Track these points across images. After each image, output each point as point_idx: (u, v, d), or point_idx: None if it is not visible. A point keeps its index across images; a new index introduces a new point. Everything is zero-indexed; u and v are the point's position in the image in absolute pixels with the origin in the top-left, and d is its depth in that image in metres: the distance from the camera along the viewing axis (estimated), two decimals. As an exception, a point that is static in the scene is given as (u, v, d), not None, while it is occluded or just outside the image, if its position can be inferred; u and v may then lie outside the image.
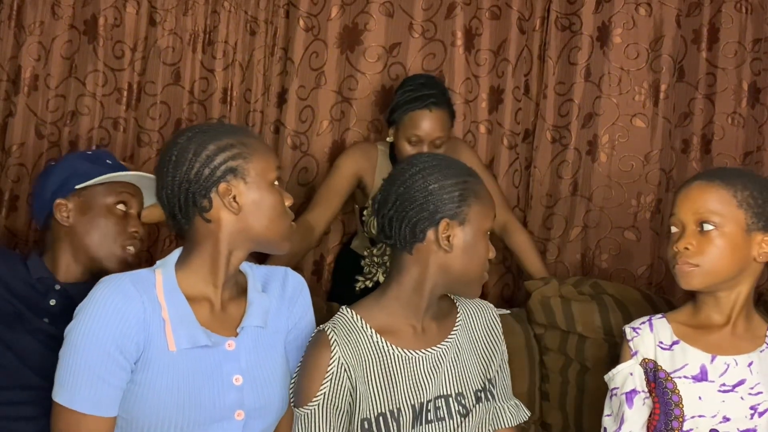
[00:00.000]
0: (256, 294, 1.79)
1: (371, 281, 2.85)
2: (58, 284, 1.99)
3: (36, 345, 1.89)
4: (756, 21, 2.97)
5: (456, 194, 1.74)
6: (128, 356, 1.62)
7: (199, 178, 1.67)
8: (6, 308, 1.92)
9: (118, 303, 1.61)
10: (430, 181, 1.76)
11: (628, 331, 1.86)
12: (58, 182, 2.06)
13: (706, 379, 1.76)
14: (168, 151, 1.72)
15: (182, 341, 1.65)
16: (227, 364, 1.69)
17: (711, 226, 1.74)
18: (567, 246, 3.04)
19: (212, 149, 1.68)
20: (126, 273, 1.70)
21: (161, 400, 1.63)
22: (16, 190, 2.84)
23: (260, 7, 2.96)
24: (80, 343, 1.60)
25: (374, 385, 1.73)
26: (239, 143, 1.71)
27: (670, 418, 1.77)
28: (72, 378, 1.60)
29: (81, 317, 1.62)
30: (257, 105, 2.98)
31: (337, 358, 1.71)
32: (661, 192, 3.03)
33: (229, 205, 1.68)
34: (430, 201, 1.74)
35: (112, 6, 2.87)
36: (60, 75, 2.88)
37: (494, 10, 3.02)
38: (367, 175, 2.79)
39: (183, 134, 1.74)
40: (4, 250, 2.20)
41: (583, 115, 3.02)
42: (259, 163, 1.71)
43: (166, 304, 1.66)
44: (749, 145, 3.00)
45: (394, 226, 1.78)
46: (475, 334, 1.86)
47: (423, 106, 2.62)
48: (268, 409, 1.74)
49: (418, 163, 1.81)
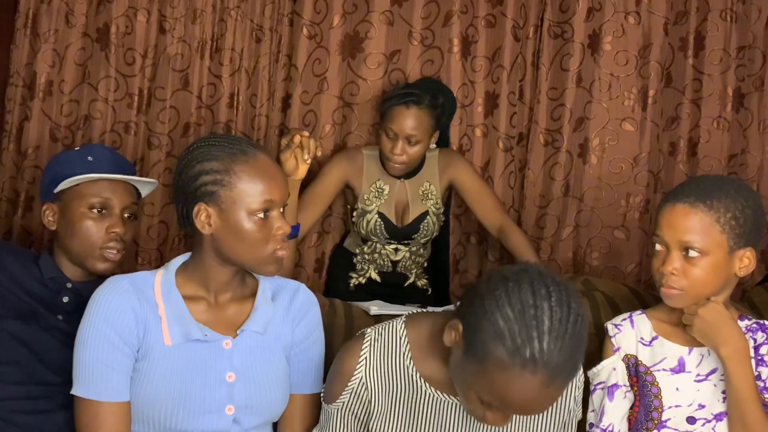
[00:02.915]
0: (264, 301, 1.83)
1: (363, 277, 2.94)
2: (70, 282, 2.02)
3: (51, 342, 1.93)
4: (740, 29, 3.00)
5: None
6: (130, 344, 1.71)
7: (185, 192, 1.74)
8: (22, 306, 1.96)
9: (116, 299, 1.72)
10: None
11: (609, 327, 1.88)
12: (45, 186, 2.07)
13: (684, 371, 1.80)
14: (181, 157, 1.79)
15: (176, 336, 1.73)
16: (221, 361, 1.75)
17: (695, 252, 1.73)
18: (559, 245, 3.07)
19: (198, 169, 1.72)
20: (127, 275, 1.79)
21: (156, 388, 1.71)
22: (31, 191, 2.86)
23: (265, 16, 2.96)
24: (86, 338, 1.71)
25: (394, 412, 1.68)
26: (225, 170, 1.71)
27: (650, 409, 1.81)
28: (85, 371, 1.71)
29: (86, 316, 1.73)
30: (262, 109, 2.99)
31: (360, 377, 1.69)
32: (650, 193, 3.06)
33: (201, 226, 1.73)
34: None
35: (123, 15, 2.88)
36: (73, 81, 2.90)
37: (489, 19, 3.04)
38: (355, 178, 2.85)
39: (194, 144, 1.79)
40: (18, 249, 2.21)
41: (575, 120, 3.05)
42: (241, 193, 1.70)
43: (162, 303, 1.75)
44: (734, 148, 3.04)
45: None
46: None
47: (401, 102, 2.68)
48: (260, 407, 1.78)
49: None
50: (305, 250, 3.10)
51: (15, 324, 1.93)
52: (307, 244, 3.09)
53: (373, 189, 2.84)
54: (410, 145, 2.72)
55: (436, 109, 2.75)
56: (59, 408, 1.88)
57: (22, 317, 1.95)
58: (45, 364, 1.92)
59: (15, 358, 1.92)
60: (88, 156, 2.06)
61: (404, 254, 2.91)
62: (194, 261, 1.80)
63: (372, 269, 2.93)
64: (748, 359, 1.74)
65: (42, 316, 1.96)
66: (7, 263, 2.01)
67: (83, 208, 2.01)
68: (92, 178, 2.02)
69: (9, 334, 1.92)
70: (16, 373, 1.91)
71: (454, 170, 2.89)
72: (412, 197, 2.87)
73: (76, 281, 2.04)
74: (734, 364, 1.72)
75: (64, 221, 2.03)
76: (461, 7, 3.02)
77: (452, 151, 2.99)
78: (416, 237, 2.88)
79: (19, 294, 1.98)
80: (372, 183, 2.85)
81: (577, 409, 1.75)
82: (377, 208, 2.84)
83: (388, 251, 2.90)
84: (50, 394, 1.90)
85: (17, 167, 2.90)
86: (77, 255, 2.03)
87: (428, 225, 2.87)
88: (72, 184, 2.02)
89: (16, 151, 2.90)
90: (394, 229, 2.86)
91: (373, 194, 2.84)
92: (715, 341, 1.74)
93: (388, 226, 2.84)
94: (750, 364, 1.74)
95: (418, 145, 2.73)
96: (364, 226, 2.86)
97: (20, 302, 1.97)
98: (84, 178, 2.01)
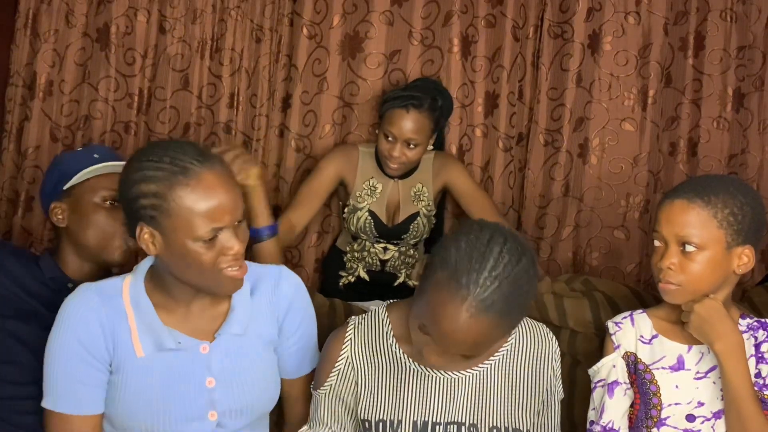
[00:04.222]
0: (241, 300, 1.75)
1: (353, 276, 2.94)
2: (71, 282, 2.02)
3: None
4: (740, 29, 3.00)
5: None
6: (100, 359, 1.68)
7: (127, 208, 1.64)
8: (22, 306, 1.97)
9: (82, 312, 1.68)
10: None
11: (610, 325, 1.90)
12: (51, 185, 2.08)
13: (683, 368, 1.81)
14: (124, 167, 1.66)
15: (149, 347, 1.69)
16: (199, 367, 1.71)
17: (692, 247, 1.75)
18: (559, 245, 3.07)
19: (135, 191, 1.60)
20: (94, 284, 1.74)
21: (132, 401, 1.69)
22: (31, 191, 2.87)
23: (265, 16, 2.97)
24: (54, 352, 1.68)
25: (380, 391, 1.72)
26: (163, 195, 1.57)
27: (649, 407, 1.82)
28: (53, 383, 1.69)
29: (54, 327, 1.70)
30: (262, 109, 2.99)
31: (346, 357, 1.73)
32: (650, 193, 3.06)
33: (146, 246, 1.63)
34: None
35: (123, 15, 2.89)
36: (74, 81, 2.91)
37: (489, 19, 3.04)
38: (349, 175, 2.85)
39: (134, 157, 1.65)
40: (18, 249, 2.21)
41: (575, 120, 3.05)
42: (182, 220, 1.57)
43: (132, 312, 1.70)
44: (734, 148, 3.03)
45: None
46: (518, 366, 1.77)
47: (401, 105, 2.68)
48: (244, 411, 1.76)
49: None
50: (305, 250, 3.10)
51: (15, 324, 1.94)
52: (307, 244, 3.10)
53: (366, 187, 2.85)
54: (409, 148, 2.72)
55: (435, 112, 2.75)
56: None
57: (23, 317, 1.95)
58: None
59: (15, 358, 1.92)
60: (93, 154, 2.09)
61: (393, 254, 2.91)
62: (157, 271, 1.72)
63: (361, 268, 2.93)
64: (743, 355, 1.74)
65: (42, 315, 1.95)
66: (8, 263, 2.01)
67: (96, 199, 2.03)
68: (112, 167, 2.02)
69: (9, 333, 1.93)
70: (15, 372, 1.91)
71: (449, 173, 2.89)
72: (404, 197, 2.88)
73: (78, 280, 2.01)
74: (729, 360, 1.73)
75: (77, 216, 2.03)
76: (461, 7, 3.02)
77: (447, 154, 3.00)
78: (405, 237, 2.89)
79: (19, 294, 1.98)
80: (365, 180, 2.86)
81: (558, 386, 1.80)
82: (368, 206, 2.85)
83: (377, 250, 2.91)
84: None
85: (17, 167, 2.91)
86: (93, 247, 2.03)
87: (418, 226, 2.87)
88: (83, 179, 2.03)
89: (16, 151, 2.91)
90: (383, 227, 2.86)
91: (366, 192, 2.85)
92: (709, 336, 1.75)
93: (377, 224, 2.85)
94: (745, 359, 1.74)
95: (418, 148, 2.74)
96: (354, 222, 2.86)
97: (20, 302, 1.97)
98: (101, 167, 2.03)
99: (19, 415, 1.90)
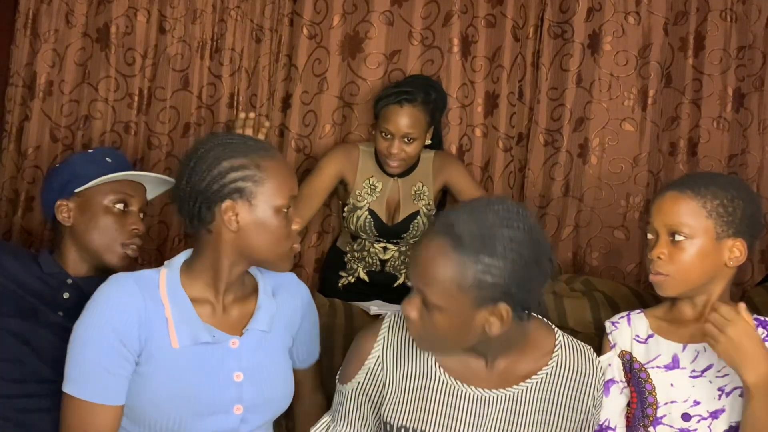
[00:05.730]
0: (266, 298, 1.83)
1: (353, 276, 2.95)
2: (70, 278, 2.03)
3: (52, 338, 1.92)
4: (740, 29, 3.01)
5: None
6: (131, 348, 1.68)
7: (208, 191, 1.70)
8: (22, 304, 1.96)
9: (121, 299, 1.68)
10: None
11: (607, 325, 1.91)
12: (60, 185, 2.09)
13: (678, 367, 1.81)
14: (188, 158, 1.75)
15: (185, 339, 1.71)
16: (229, 361, 1.74)
17: (682, 236, 1.77)
18: (559, 245, 3.06)
19: (225, 166, 1.70)
20: (132, 273, 1.76)
21: (160, 392, 1.69)
22: (31, 191, 2.87)
23: (265, 16, 2.98)
24: (86, 337, 1.67)
25: (407, 396, 1.68)
26: (254, 165, 1.71)
27: (645, 405, 1.82)
28: (80, 369, 1.67)
29: (87, 313, 1.69)
30: (262, 109, 2.99)
31: (377, 356, 1.70)
32: (650, 193, 3.05)
33: (228, 223, 1.70)
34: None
35: (123, 15, 2.89)
36: (73, 81, 2.91)
37: (489, 19, 3.05)
38: (349, 173, 2.86)
39: (205, 144, 1.76)
40: (16, 248, 2.22)
41: (575, 120, 3.05)
42: (269, 188, 1.71)
43: (169, 304, 1.72)
44: (734, 148, 3.04)
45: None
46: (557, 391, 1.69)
47: (395, 101, 2.70)
48: (266, 405, 1.79)
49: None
50: (305, 250, 3.10)
51: (15, 322, 1.94)
52: (308, 243, 3.10)
53: (366, 185, 2.85)
54: (407, 144, 2.74)
55: (429, 105, 2.76)
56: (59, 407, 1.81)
57: (23, 315, 1.95)
58: (45, 361, 1.92)
59: (15, 355, 1.92)
60: (106, 157, 2.13)
61: (393, 253, 2.91)
62: (201, 261, 1.77)
63: (361, 268, 2.93)
64: None
65: (42, 313, 1.96)
66: (6, 261, 2.01)
67: (107, 202, 2.07)
68: (134, 176, 2.11)
69: (9, 331, 1.93)
70: (16, 370, 1.91)
71: (448, 172, 2.90)
72: (404, 196, 2.88)
73: (77, 277, 2.04)
74: (761, 393, 1.64)
75: (84, 217, 2.06)
76: (461, 7, 3.02)
77: (447, 153, 3.01)
78: (405, 236, 2.89)
79: (18, 291, 1.98)
80: (365, 179, 2.86)
81: (596, 412, 1.75)
82: (368, 204, 2.85)
83: (377, 249, 2.91)
84: (51, 392, 1.87)
85: (17, 167, 2.91)
86: (96, 249, 2.05)
87: (418, 225, 2.88)
88: (103, 182, 2.06)
89: (16, 151, 2.92)
90: (383, 226, 2.86)
91: (366, 191, 2.85)
92: (740, 365, 1.65)
93: (377, 223, 2.85)
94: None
95: (415, 143, 2.75)
96: (353, 221, 2.86)
97: (20, 300, 1.97)
98: (122, 175, 2.08)
99: (21, 413, 1.90)
